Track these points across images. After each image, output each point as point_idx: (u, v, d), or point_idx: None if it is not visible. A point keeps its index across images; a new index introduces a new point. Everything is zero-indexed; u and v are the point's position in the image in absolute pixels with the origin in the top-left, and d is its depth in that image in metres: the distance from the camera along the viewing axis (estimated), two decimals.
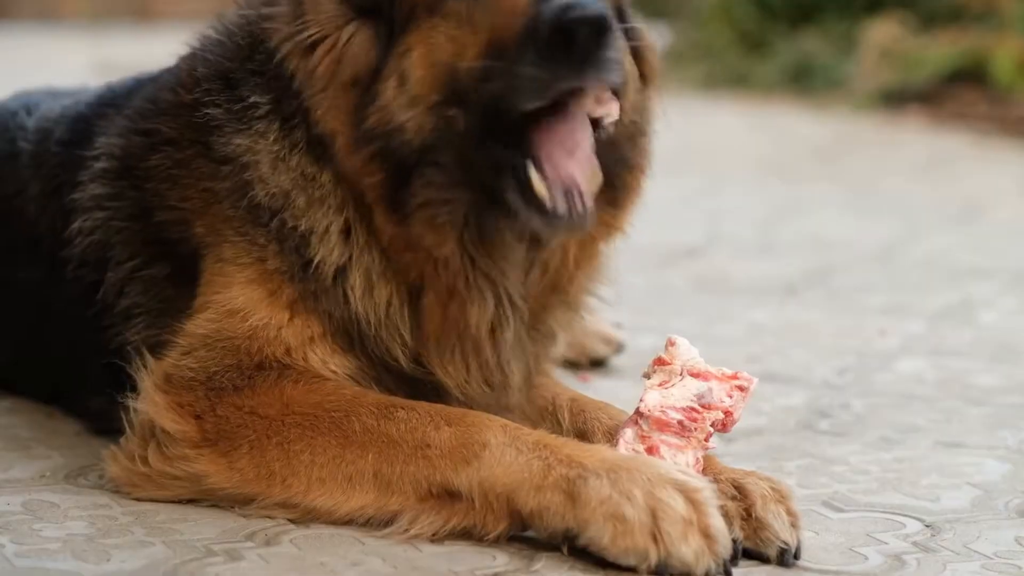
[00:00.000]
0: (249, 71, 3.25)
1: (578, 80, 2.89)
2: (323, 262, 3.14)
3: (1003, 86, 11.47)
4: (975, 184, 9.03)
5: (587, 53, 2.85)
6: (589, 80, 2.90)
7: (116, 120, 3.51)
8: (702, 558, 2.72)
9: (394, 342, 3.18)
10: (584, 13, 2.82)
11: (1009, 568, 2.95)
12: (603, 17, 2.84)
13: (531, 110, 2.91)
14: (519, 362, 3.25)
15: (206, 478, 3.03)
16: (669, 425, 2.95)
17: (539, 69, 2.85)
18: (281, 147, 3.17)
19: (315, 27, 3.12)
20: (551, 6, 2.84)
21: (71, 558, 2.81)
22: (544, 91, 2.88)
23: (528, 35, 2.86)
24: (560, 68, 2.86)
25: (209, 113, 3.25)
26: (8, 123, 3.89)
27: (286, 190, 3.16)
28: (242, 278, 3.18)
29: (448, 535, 2.89)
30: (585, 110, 2.96)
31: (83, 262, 3.44)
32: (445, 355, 3.18)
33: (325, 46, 3.10)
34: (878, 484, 3.44)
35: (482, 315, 3.15)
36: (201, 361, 3.13)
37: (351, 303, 3.15)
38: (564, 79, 2.88)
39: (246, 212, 3.19)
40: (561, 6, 2.83)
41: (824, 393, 4.31)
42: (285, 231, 3.15)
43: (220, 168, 3.22)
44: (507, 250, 3.13)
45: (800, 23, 13.56)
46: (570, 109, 2.94)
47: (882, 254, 6.76)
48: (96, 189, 3.44)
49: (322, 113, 3.10)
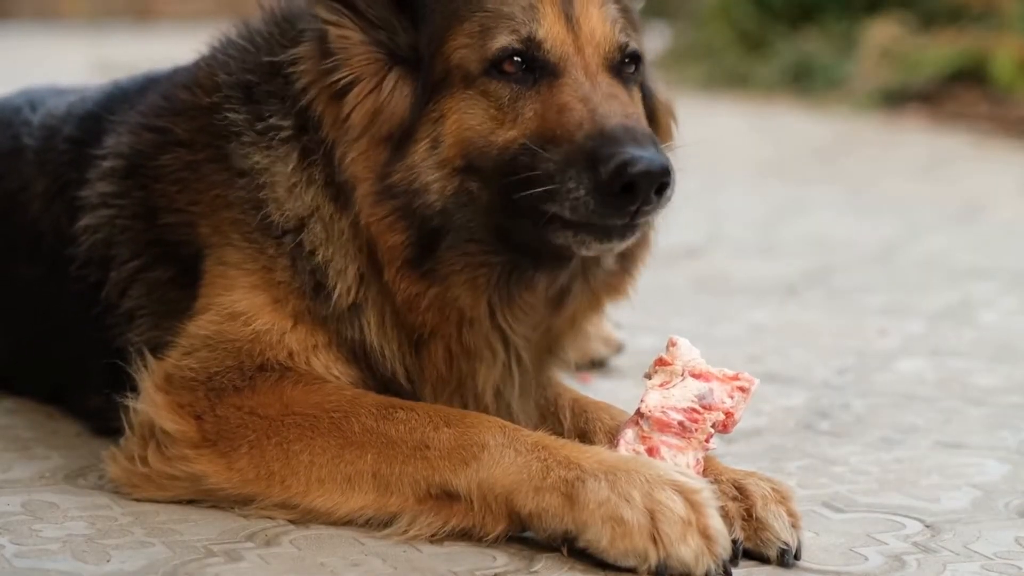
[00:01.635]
0: (270, 92, 3.22)
1: (632, 220, 2.93)
2: (340, 295, 3.14)
3: (1003, 86, 11.46)
4: (975, 184, 9.02)
5: (647, 204, 2.89)
6: (639, 220, 2.94)
7: (127, 117, 3.49)
8: (702, 559, 2.72)
9: (400, 369, 3.19)
10: (649, 168, 2.85)
11: (1009, 568, 2.94)
12: (666, 172, 2.87)
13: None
14: (523, 406, 3.28)
15: (205, 478, 3.03)
16: (670, 426, 2.95)
17: (591, 199, 2.88)
18: (299, 179, 3.16)
19: (346, 69, 3.08)
20: (616, 153, 2.85)
21: (71, 558, 2.81)
22: (586, 218, 2.91)
23: (586, 161, 2.88)
24: (613, 210, 2.89)
25: (229, 119, 3.23)
26: (12, 119, 3.87)
27: (301, 216, 3.15)
28: (246, 283, 3.18)
29: (447, 536, 2.90)
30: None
31: (87, 261, 3.43)
32: (441, 399, 3.20)
33: (360, 91, 3.07)
34: (878, 485, 3.44)
35: (489, 374, 3.19)
36: (202, 362, 3.12)
37: (366, 336, 3.16)
38: (613, 219, 2.92)
39: (258, 223, 3.18)
40: (626, 159, 2.84)
41: (824, 393, 4.31)
42: (301, 252, 3.15)
43: (236, 179, 3.21)
44: (529, 310, 3.16)
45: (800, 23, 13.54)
46: None
47: (882, 254, 6.76)
48: (103, 187, 3.43)
49: (350, 161, 3.08)
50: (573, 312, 3.27)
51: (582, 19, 3.08)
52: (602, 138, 2.89)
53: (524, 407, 3.27)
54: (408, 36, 3.10)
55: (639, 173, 2.85)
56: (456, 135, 3.03)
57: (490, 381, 3.20)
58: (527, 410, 3.29)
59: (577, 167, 2.89)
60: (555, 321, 3.25)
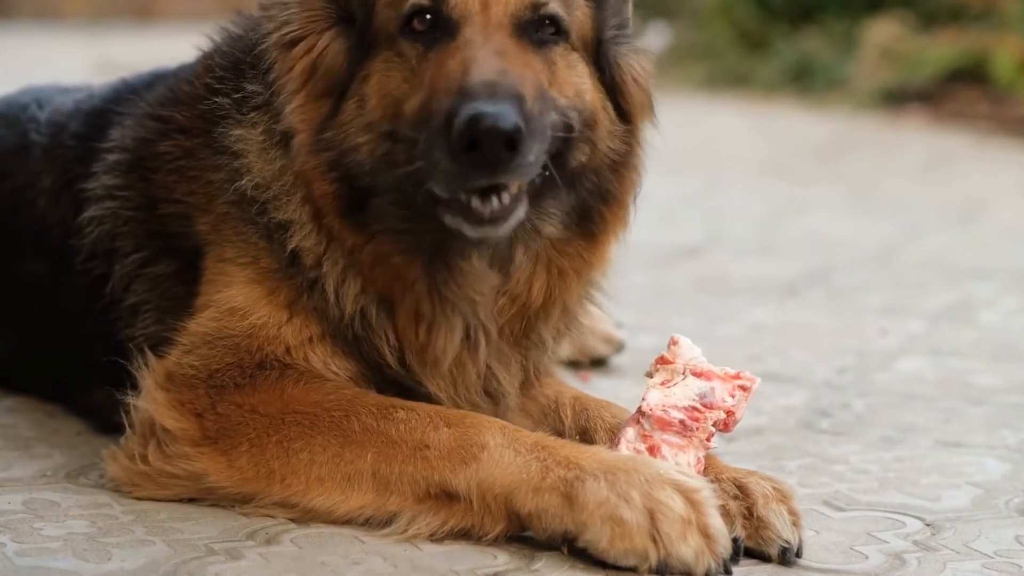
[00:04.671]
0: (250, 63, 3.27)
1: (489, 180, 2.88)
2: (302, 251, 3.15)
3: (1003, 86, 11.46)
4: (975, 184, 9.02)
5: (498, 161, 2.83)
6: (500, 180, 2.89)
7: (134, 109, 3.53)
8: (702, 558, 2.72)
9: (382, 343, 3.18)
10: (494, 126, 2.79)
11: (1009, 567, 2.95)
12: (513, 131, 2.80)
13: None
14: (509, 373, 3.26)
15: (206, 476, 3.03)
16: (671, 424, 2.95)
17: (451, 163, 2.85)
18: (267, 138, 3.20)
19: (297, 23, 3.14)
20: (466, 108, 2.80)
21: (72, 557, 2.81)
22: (457, 187, 2.89)
23: (446, 125, 2.84)
24: (470, 169, 2.84)
25: (216, 102, 3.28)
26: (20, 116, 3.88)
27: (267, 180, 3.18)
28: (242, 277, 3.19)
29: (446, 536, 2.90)
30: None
31: (92, 254, 3.44)
32: (427, 369, 3.19)
33: (303, 46, 3.13)
34: (878, 483, 3.45)
35: (449, 341, 3.16)
36: (203, 359, 3.13)
37: (328, 295, 3.15)
38: (474, 180, 2.87)
39: (239, 208, 3.20)
40: (473, 115, 2.79)
41: (824, 393, 4.31)
42: (271, 224, 3.17)
43: (219, 158, 3.24)
44: (474, 279, 3.13)
45: (800, 23, 13.54)
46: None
47: (882, 254, 6.76)
48: (108, 179, 3.45)
49: (290, 111, 3.12)
50: (538, 286, 3.18)
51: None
52: (461, 95, 2.85)
53: (507, 373, 3.24)
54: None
55: (484, 129, 2.78)
56: (378, 96, 3.04)
57: (451, 349, 3.17)
58: (511, 376, 3.25)
59: (440, 134, 2.85)
60: (515, 291, 3.18)
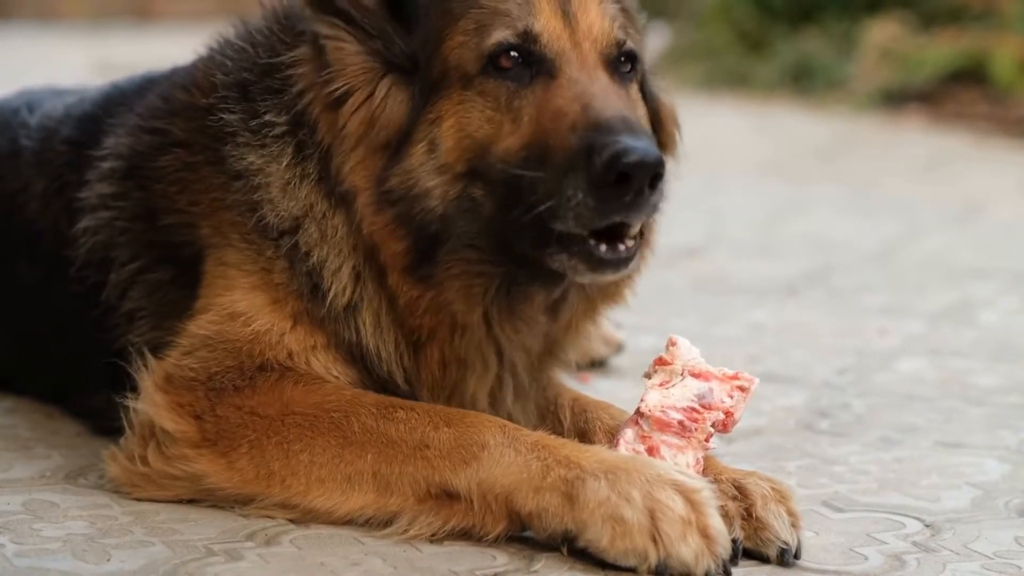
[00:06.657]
0: (267, 88, 3.22)
1: (626, 218, 2.91)
2: (335, 296, 3.14)
3: (1003, 86, 11.45)
4: (975, 184, 9.02)
5: (640, 197, 2.87)
6: (636, 219, 2.93)
7: (125, 118, 3.49)
8: (702, 558, 2.72)
9: (397, 369, 3.19)
10: (643, 159, 2.83)
11: (1009, 568, 2.95)
12: (660, 164, 2.86)
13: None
14: (525, 411, 3.27)
15: (205, 478, 3.03)
16: (670, 425, 2.95)
17: (589, 198, 2.86)
18: (292, 175, 3.16)
19: (341, 80, 3.08)
20: (609, 143, 2.84)
21: (71, 558, 2.81)
22: (590, 223, 2.89)
23: (581, 159, 2.86)
24: (610, 204, 2.86)
25: (224, 119, 3.23)
26: (10, 120, 3.86)
27: (296, 216, 3.15)
28: (245, 283, 3.18)
29: (447, 536, 2.90)
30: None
31: (87, 263, 3.42)
32: (442, 400, 3.19)
33: (355, 101, 3.07)
34: (878, 484, 3.45)
35: (480, 384, 3.18)
36: (202, 361, 3.12)
37: (362, 338, 3.15)
38: (612, 215, 2.89)
39: (255, 225, 3.18)
40: (619, 150, 2.82)
41: (824, 393, 4.31)
42: (297, 254, 3.15)
43: (232, 183, 3.21)
44: (529, 321, 3.15)
45: (800, 23, 13.53)
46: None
47: (882, 254, 6.76)
48: (102, 188, 3.42)
49: (348, 171, 3.08)
50: (570, 319, 3.25)
51: (579, 14, 3.08)
52: (597, 130, 2.87)
53: (523, 411, 3.27)
54: (403, 43, 3.08)
55: (634, 163, 2.83)
56: (455, 138, 3.02)
57: (481, 391, 3.19)
58: (526, 413, 3.28)
59: (574, 170, 2.87)
60: (552, 329, 3.24)
